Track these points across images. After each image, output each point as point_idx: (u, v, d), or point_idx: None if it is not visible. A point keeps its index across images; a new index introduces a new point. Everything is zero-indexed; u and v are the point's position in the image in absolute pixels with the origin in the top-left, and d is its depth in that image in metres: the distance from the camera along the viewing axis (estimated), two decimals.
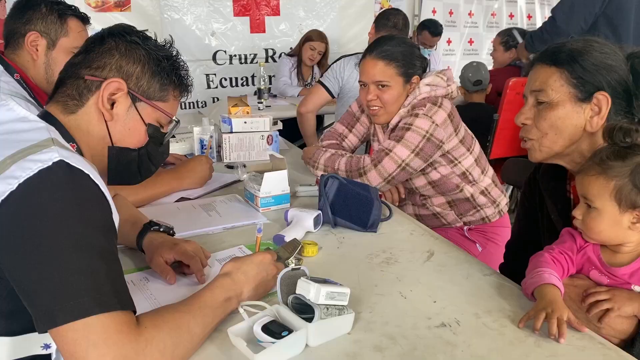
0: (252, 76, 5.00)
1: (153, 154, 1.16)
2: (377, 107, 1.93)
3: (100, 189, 0.90)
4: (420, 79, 1.95)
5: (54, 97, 1.07)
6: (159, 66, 1.09)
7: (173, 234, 1.35)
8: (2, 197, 0.82)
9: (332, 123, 4.41)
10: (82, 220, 0.86)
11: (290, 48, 4.82)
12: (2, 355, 0.91)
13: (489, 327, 1.03)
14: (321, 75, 4.15)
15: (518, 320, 1.04)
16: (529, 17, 6.05)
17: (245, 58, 4.95)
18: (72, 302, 0.80)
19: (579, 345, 0.97)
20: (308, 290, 0.97)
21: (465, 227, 2.04)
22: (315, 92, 3.20)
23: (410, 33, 4.97)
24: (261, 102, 3.54)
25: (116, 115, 1.06)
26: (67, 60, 1.80)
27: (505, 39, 4.16)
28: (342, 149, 2.08)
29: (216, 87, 4.89)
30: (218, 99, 4.71)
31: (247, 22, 4.89)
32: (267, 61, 4.89)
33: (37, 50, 1.77)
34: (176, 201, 1.72)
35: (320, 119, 4.40)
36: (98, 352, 0.80)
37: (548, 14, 6.08)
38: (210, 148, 2.13)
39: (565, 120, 1.20)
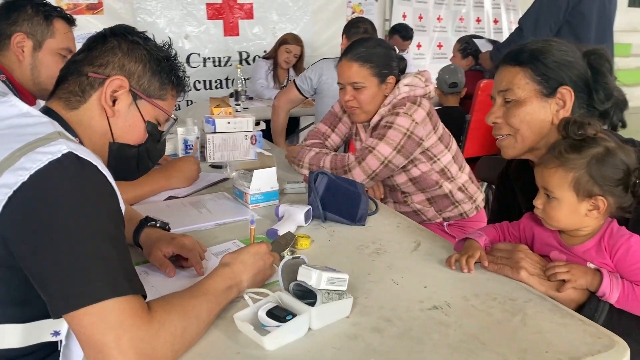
0: (226, 79, 5.03)
1: (151, 151, 1.20)
2: (354, 107, 2.01)
3: (107, 180, 0.94)
4: (399, 80, 2.03)
5: (56, 94, 1.10)
6: (159, 66, 1.13)
7: (168, 230, 1.38)
8: (14, 188, 0.85)
9: (311, 124, 4.49)
10: (92, 209, 0.89)
11: (264, 51, 4.86)
12: (15, 342, 0.94)
13: (477, 308, 1.10)
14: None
15: (504, 301, 1.12)
16: (495, 21, 6.23)
17: (219, 61, 4.98)
18: (87, 287, 0.84)
19: (562, 323, 1.05)
20: (310, 277, 1.02)
21: (445, 223, 2.12)
22: (288, 89, 3.34)
23: (382, 37, 5.09)
24: (239, 104, 3.58)
25: (117, 112, 1.10)
26: (53, 61, 1.83)
27: (463, 46, 4.33)
28: (325, 147, 2.14)
29: (190, 90, 4.87)
30: (192, 102, 4.72)
31: (220, 25, 4.92)
32: (240, 64, 4.93)
33: (23, 51, 1.78)
34: (165, 200, 1.75)
35: (296, 120, 4.46)
36: (114, 334, 0.83)
37: (513, 19, 6.31)
38: (195, 149, 2.16)
39: (533, 115, 1.29)
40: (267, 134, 2.49)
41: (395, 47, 2.15)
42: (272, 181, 1.68)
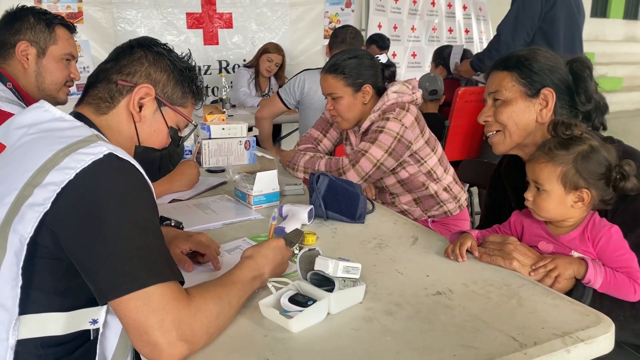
0: (206, 87, 5.08)
1: (172, 155, 1.28)
2: (335, 116, 2.14)
3: (144, 177, 1.02)
4: (384, 88, 2.15)
5: (85, 100, 1.17)
6: (182, 75, 1.22)
7: (182, 228, 1.46)
8: (62, 185, 0.93)
9: (293, 131, 4.58)
10: (134, 204, 0.97)
11: (244, 60, 4.94)
12: (57, 329, 1.01)
13: (477, 293, 1.21)
14: (280, 86, 4.32)
15: (500, 286, 1.23)
16: (467, 31, 6.43)
17: (199, 70, 4.99)
18: (133, 274, 0.92)
19: (553, 304, 1.16)
20: (327, 266, 1.11)
21: (429, 220, 2.24)
22: (272, 101, 3.39)
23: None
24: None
25: (144, 117, 1.18)
26: (57, 68, 1.90)
27: (435, 56, 4.53)
28: (318, 152, 2.24)
29: None
30: None
31: (200, 34, 4.97)
32: (220, 72, 4.99)
33: (28, 59, 1.84)
34: (169, 202, 1.82)
35: (278, 127, 4.55)
36: (158, 317, 0.91)
37: (484, 29, 6.53)
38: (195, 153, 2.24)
39: (519, 113, 1.43)
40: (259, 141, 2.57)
41: (378, 56, 2.26)
42: (274, 183, 1.77)
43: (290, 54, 5.18)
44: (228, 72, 5.07)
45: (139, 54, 1.18)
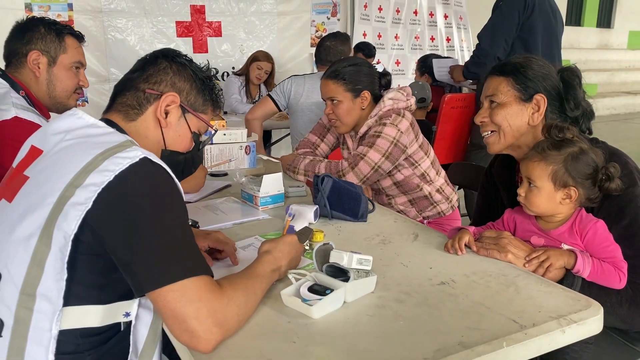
0: None
1: (195, 158, 1.37)
2: (334, 119, 2.24)
3: (174, 179, 1.11)
4: (380, 94, 2.26)
5: (114, 107, 1.26)
6: (203, 84, 1.31)
7: (198, 227, 1.55)
8: (102, 186, 1.01)
9: (283, 137, 4.65)
10: (168, 204, 1.06)
11: (233, 68, 5.03)
12: (95, 321, 1.09)
13: (477, 283, 1.31)
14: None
15: (497, 276, 1.34)
16: (448, 39, 6.61)
17: None
18: (170, 268, 1.00)
19: (547, 291, 1.27)
20: (342, 258, 1.21)
21: (424, 221, 2.35)
22: (263, 102, 3.45)
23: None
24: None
25: (169, 123, 1.26)
26: (67, 75, 1.97)
27: (420, 65, 4.67)
28: (316, 156, 2.34)
29: None
30: None
31: (189, 42, 5.06)
32: None
33: (39, 67, 1.91)
34: None
35: (268, 134, 4.64)
36: (194, 307, 1.00)
37: (464, 37, 6.72)
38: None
39: (513, 115, 1.55)
40: None
41: (375, 65, 2.37)
42: (279, 185, 1.86)
43: (278, 61, 5.27)
44: (217, 79, 5.15)
45: (163, 65, 1.26)
